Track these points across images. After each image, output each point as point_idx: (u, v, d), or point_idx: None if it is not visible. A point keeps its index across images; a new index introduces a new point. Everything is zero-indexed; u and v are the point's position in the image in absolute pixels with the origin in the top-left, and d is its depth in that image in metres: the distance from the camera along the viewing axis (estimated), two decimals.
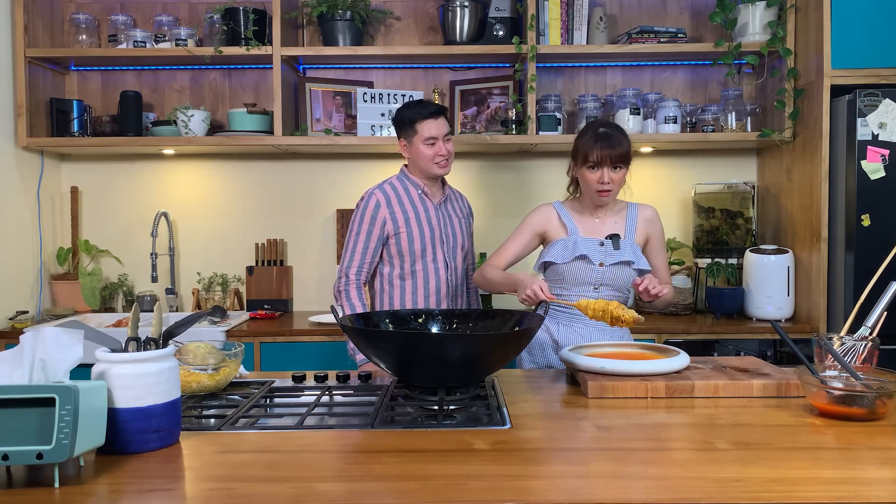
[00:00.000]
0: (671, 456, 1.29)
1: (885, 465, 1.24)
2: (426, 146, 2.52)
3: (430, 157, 2.53)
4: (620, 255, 2.20)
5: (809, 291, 3.08)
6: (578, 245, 2.20)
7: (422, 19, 3.59)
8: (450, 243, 2.60)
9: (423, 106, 2.56)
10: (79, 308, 3.41)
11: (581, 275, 2.21)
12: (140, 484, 1.17)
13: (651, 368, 1.75)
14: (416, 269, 2.55)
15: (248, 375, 1.96)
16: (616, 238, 2.23)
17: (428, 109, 2.53)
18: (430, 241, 2.55)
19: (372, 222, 2.51)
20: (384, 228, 2.52)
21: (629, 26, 3.46)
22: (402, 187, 2.59)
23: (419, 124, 2.52)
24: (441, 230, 2.58)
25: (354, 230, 2.54)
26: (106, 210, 3.63)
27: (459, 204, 2.73)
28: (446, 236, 2.59)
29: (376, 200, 2.53)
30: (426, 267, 2.55)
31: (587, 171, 2.21)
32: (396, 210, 2.53)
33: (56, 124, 3.34)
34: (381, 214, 2.52)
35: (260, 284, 3.52)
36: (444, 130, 2.54)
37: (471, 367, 1.63)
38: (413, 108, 2.56)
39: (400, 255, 2.54)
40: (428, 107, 2.55)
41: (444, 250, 2.58)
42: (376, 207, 2.52)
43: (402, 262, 2.55)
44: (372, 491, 1.14)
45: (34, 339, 1.23)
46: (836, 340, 1.70)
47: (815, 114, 3.02)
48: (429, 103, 2.60)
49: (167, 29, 3.37)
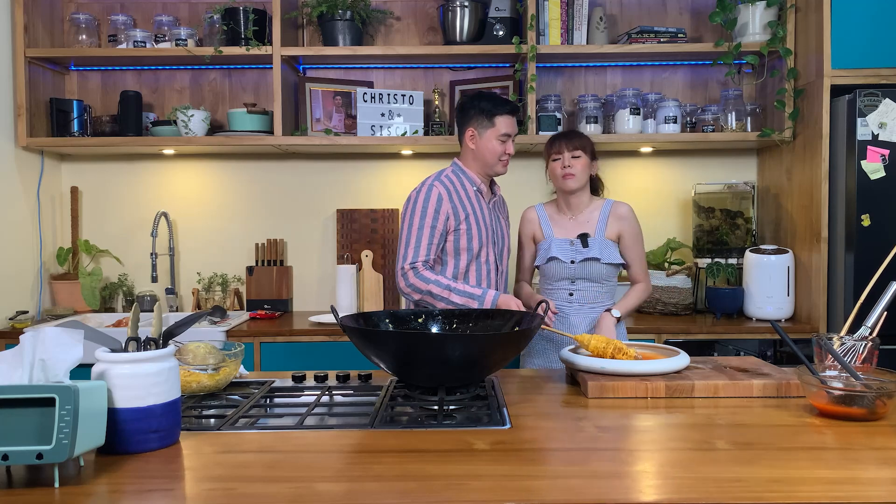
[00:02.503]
0: (671, 456, 1.29)
1: (885, 465, 1.24)
2: (498, 141, 2.42)
3: (498, 154, 2.43)
4: (588, 252, 2.45)
5: (809, 291, 3.08)
6: (552, 247, 2.49)
7: (422, 19, 3.59)
8: (499, 245, 2.52)
9: (504, 101, 2.45)
10: (79, 308, 3.41)
11: (558, 272, 2.49)
12: (140, 484, 1.17)
13: (651, 368, 1.75)
14: (471, 269, 2.43)
15: (248, 375, 1.96)
16: (585, 237, 2.47)
17: (510, 105, 2.45)
18: (485, 241, 2.44)
19: (436, 216, 2.37)
20: (447, 223, 2.39)
21: (629, 26, 3.46)
22: (459, 182, 2.46)
23: (499, 118, 2.41)
24: (492, 231, 2.48)
25: (416, 224, 2.37)
26: (106, 210, 3.63)
27: (504, 207, 2.66)
28: (497, 237, 2.51)
29: (438, 193, 2.39)
30: (479, 268, 2.45)
31: (553, 164, 2.52)
32: (457, 205, 2.41)
33: (56, 124, 3.34)
34: (445, 208, 2.38)
35: (260, 284, 3.52)
36: (516, 130, 2.48)
37: (471, 367, 1.63)
38: (492, 100, 2.44)
39: (456, 253, 2.41)
40: (509, 103, 2.46)
41: (495, 252, 2.49)
42: (439, 200, 2.38)
43: (456, 262, 2.42)
44: (372, 491, 1.14)
45: (34, 339, 1.23)
46: (836, 340, 1.70)
47: (815, 114, 3.02)
48: (507, 99, 2.50)
49: (167, 29, 3.37)
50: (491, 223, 2.48)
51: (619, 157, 3.61)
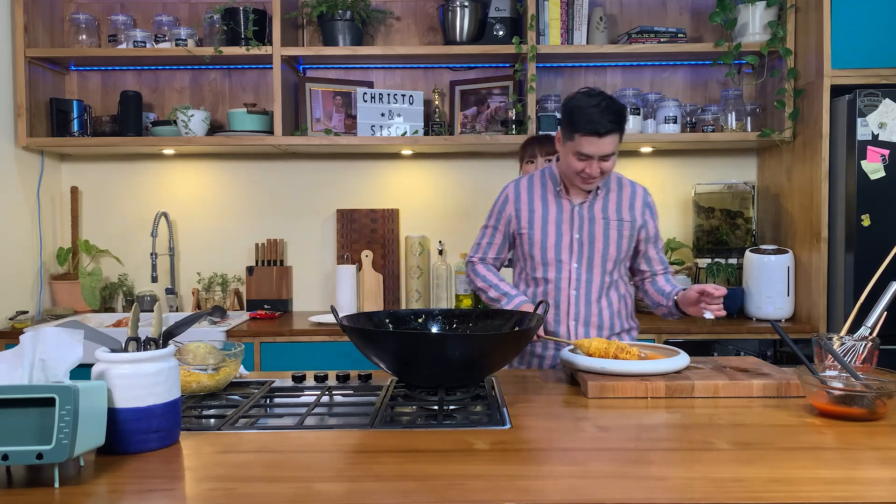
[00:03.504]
0: (671, 456, 1.29)
1: (885, 465, 1.24)
2: (576, 158, 2.10)
3: (575, 170, 2.12)
4: None
5: (809, 291, 3.08)
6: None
7: (422, 19, 3.59)
8: (584, 252, 2.20)
9: (592, 119, 2.03)
10: (79, 308, 3.41)
11: None
12: (140, 484, 1.17)
13: (651, 368, 1.75)
14: (538, 276, 2.23)
15: (248, 375, 1.96)
16: None
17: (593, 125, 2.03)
18: (554, 247, 2.21)
19: (498, 218, 2.29)
20: (509, 225, 2.28)
21: (629, 26, 3.46)
22: (542, 181, 2.27)
23: (578, 136, 2.06)
24: (572, 235, 2.20)
25: (484, 222, 2.35)
26: (106, 210, 3.63)
27: (620, 203, 2.24)
28: (580, 243, 2.20)
29: (505, 195, 2.29)
30: (546, 275, 2.22)
31: (527, 167, 2.64)
32: (523, 208, 2.24)
33: (56, 124, 3.34)
34: (508, 210, 2.27)
35: (260, 284, 3.52)
36: (608, 151, 2.08)
37: (471, 367, 1.63)
38: (582, 114, 2.04)
39: (524, 257, 2.28)
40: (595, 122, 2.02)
41: (573, 260, 2.20)
42: (504, 202, 2.28)
43: (525, 266, 2.28)
44: (372, 491, 1.14)
45: (34, 339, 1.23)
46: (836, 340, 1.70)
47: (815, 114, 3.02)
48: (598, 118, 2.02)
49: (167, 29, 3.37)
50: (571, 227, 2.20)
51: (619, 156, 3.57)
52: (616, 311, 2.26)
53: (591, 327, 2.23)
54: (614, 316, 2.26)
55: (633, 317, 2.36)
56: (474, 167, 3.62)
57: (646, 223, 2.26)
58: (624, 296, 2.30)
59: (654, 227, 2.30)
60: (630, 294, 2.34)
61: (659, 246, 2.33)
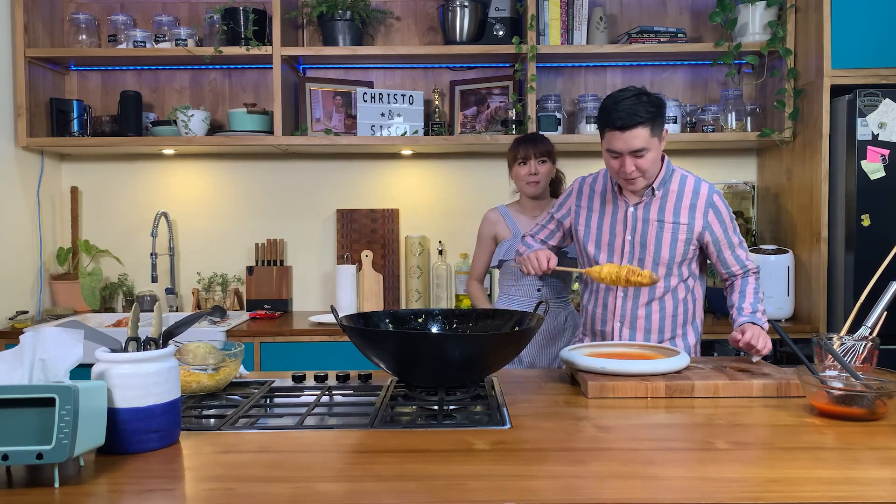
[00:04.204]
0: (671, 456, 1.29)
1: (885, 465, 1.24)
2: (609, 155, 2.05)
3: (613, 168, 2.08)
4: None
5: (809, 291, 3.08)
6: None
7: (422, 19, 3.59)
8: (635, 254, 2.11)
9: (617, 113, 1.98)
10: (79, 308, 3.41)
11: None
12: (140, 484, 1.18)
13: (651, 368, 1.75)
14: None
15: (248, 375, 1.96)
16: None
17: (617, 119, 1.98)
18: (607, 247, 2.15)
19: (559, 208, 2.28)
20: (567, 218, 2.26)
21: (629, 26, 3.46)
22: (604, 179, 2.20)
23: (608, 132, 2.03)
24: (624, 237, 2.13)
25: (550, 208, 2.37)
26: (106, 210, 3.63)
27: (679, 204, 2.10)
28: (631, 245, 2.12)
29: (571, 189, 2.27)
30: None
31: (518, 168, 2.64)
32: (583, 205, 2.22)
33: (56, 124, 3.34)
34: (569, 204, 2.26)
35: (260, 284, 3.52)
36: (639, 147, 1.99)
37: (471, 367, 1.63)
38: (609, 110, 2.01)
39: (580, 253, 2.26)
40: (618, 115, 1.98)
41: (623, 261, 2.13)
42: (568, 195, 2.27)
43: (582, 263, 2.27)
44: (372, 491, 1.14)
45: (34, 339, 1.23)
46: (836, 340, 1.70)
47: (815, 114, 3.02)
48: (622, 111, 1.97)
49: (167, 29, 3.37)
50: (623, 229, 2.13)
51: None
52: (670, 316, 2.15)
53: (638, 331, 2.15)
54: (666, 319, 2.15)
55: (696, 321, 2.23)
56: (474, 167, 3.62)
57: (708, 225, 2.10)
58: (685, 300, 2.17)
59: (720, 228, 2.11)
60: (695, 298, 2.21)
61: (734, 245, 2.13)
